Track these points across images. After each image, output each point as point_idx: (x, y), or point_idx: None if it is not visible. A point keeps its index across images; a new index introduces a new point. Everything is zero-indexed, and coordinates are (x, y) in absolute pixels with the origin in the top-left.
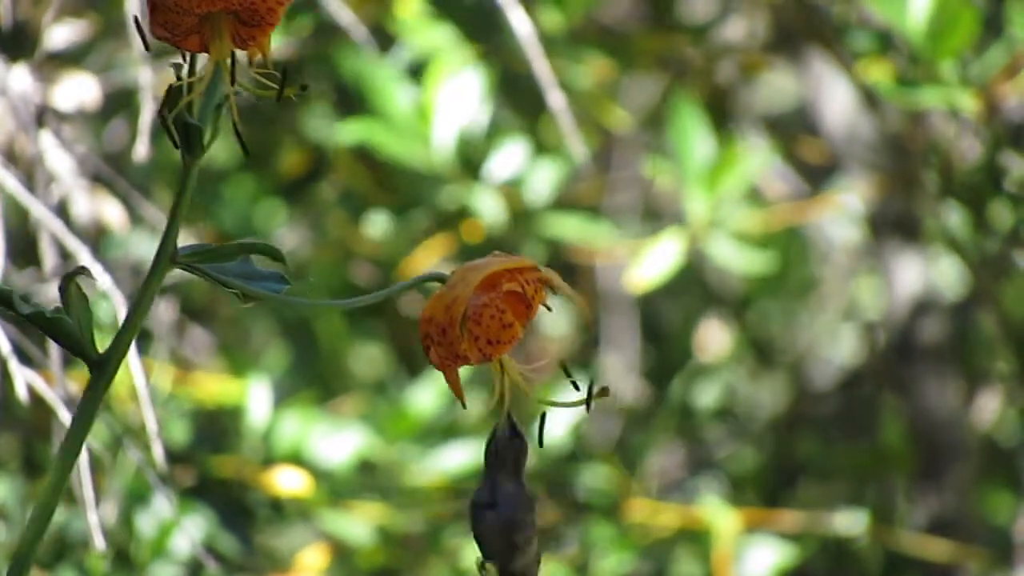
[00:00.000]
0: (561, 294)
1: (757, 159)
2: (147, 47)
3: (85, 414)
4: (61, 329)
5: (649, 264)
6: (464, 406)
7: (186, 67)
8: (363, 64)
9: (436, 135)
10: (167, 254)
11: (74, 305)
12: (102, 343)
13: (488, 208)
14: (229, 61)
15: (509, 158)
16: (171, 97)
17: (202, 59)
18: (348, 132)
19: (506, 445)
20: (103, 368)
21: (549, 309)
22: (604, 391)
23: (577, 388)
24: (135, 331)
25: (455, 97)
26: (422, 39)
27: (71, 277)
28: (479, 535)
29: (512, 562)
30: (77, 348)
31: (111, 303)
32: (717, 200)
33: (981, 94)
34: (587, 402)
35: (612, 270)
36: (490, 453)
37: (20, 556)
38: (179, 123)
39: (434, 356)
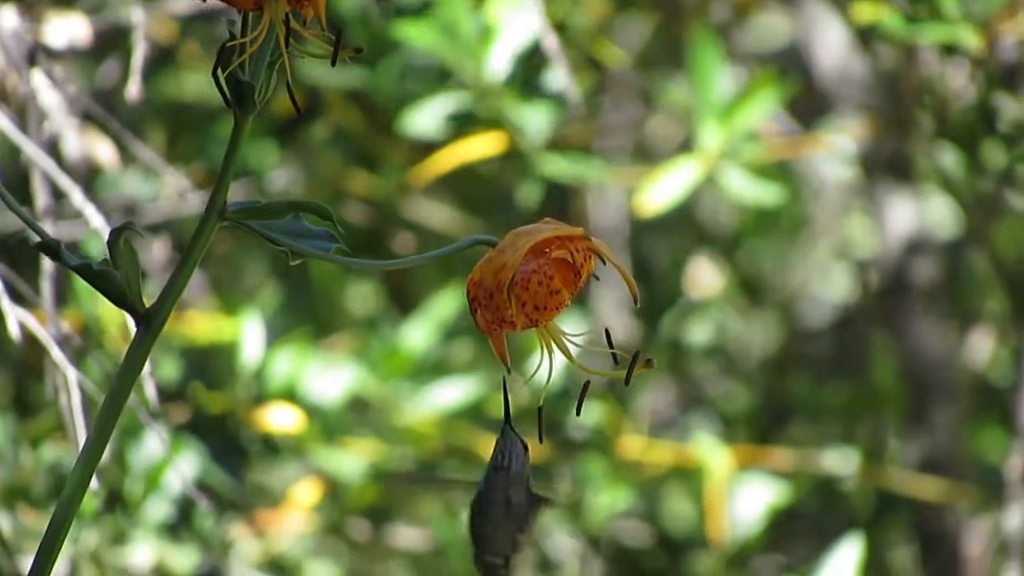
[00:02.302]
0: (609, 264)
1: (770, 94)
2: None
3: (132, 368)
4: (108, 282)
5: (659, 190)
6: (508, 370)
7: (239, 25)
8: None
9: (495, 54)
10: (216, 209)
11: (121, 258)
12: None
13: (535, 126)
14: (283, 21)
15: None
16: (224, 55)
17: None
18: (406, 32)
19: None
20: (150, 322)
21: (597, 278)
22: (649, 363)
23: (616, 360)
24: (183, 285)
25: (513, 23)
26: None
27: (120, 231)
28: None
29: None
30: (124, 302)
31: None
32: (732, 132)
33: (982, 31)
34: (628, 373)
35: (604, 207)
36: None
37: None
38: (231, 80)
39: (480, 319)
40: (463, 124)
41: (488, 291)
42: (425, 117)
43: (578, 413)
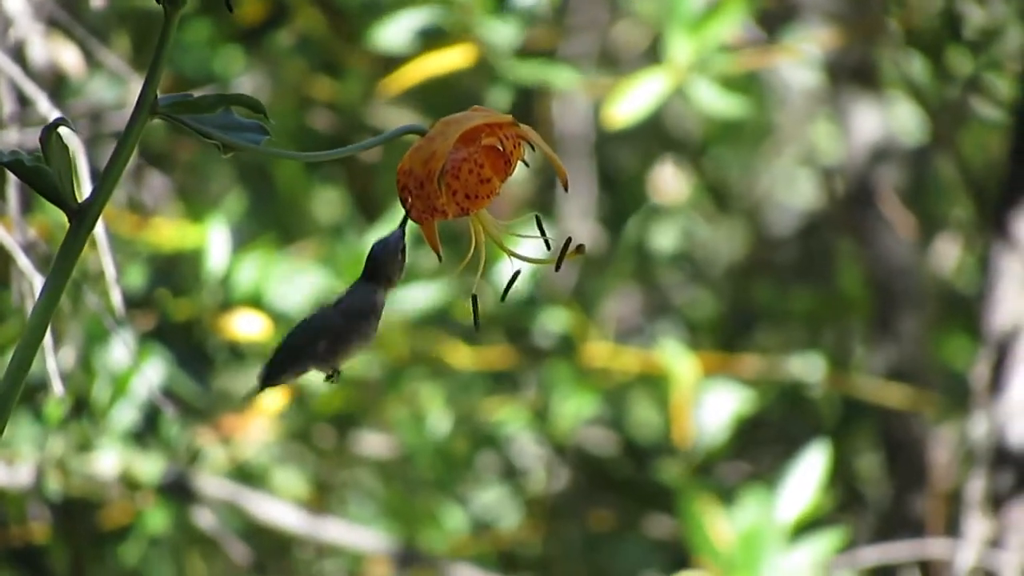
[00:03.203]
0: (539, 150)
1: (740, 6)
2: None
3: (65, 263)
4: (41, 178)
5: (628, 102)
6: (440, 259)
7: None
8: None
9: None
10: (147, 104)
11: (54, 155)
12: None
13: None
14: None
15: None
16: None
17: None
18: None
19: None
20: (83, 217)
21: (527, 165)
22: (580, 248)
23: (548, 246)
24: (116, 181)
25: None
26: None
27: (52, 128)
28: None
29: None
30: (57, 197)
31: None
32: (702, 45)
33: None
34: (559, 259)
35: (570, 115)
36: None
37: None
38: None
39: (412, 209)
40: (432, 38)
41: (418, 180)
42: (395, 31)
43: (503, 300)
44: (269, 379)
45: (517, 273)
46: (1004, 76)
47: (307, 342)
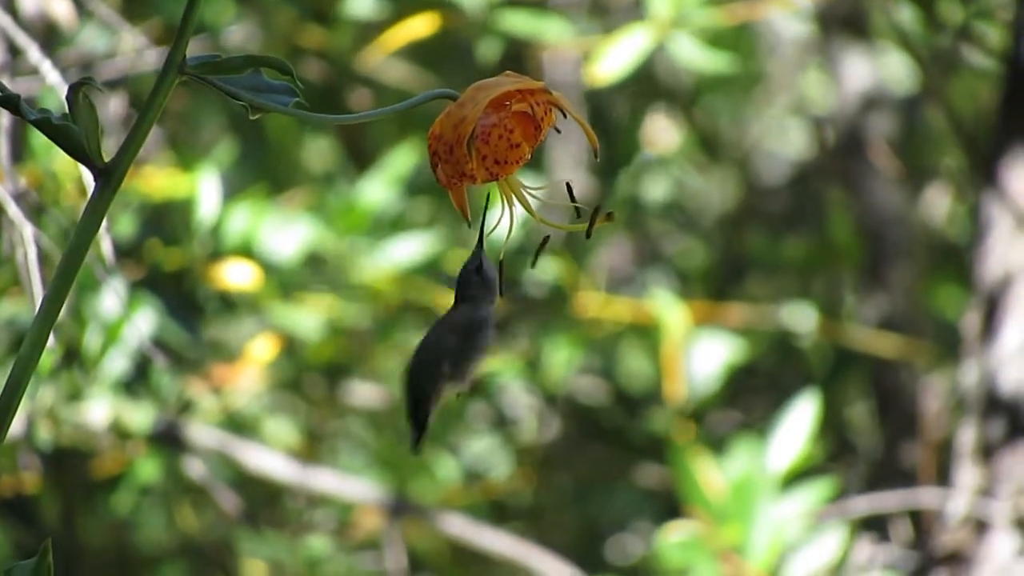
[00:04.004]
0: (570, 117)
1: None
2: None
3: (91, 224)
4: (67, 136)
5: (611, 59)
6: (469, 225)
7: None
8: None
9: None
10: (175, 64)
11: (81, 114)
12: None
13: None
14: None
15: None
16: None
17: None
18: None
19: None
20: (109, 176)
21: (558, 131)
22: (609, 216)
23: (578, 214)
24: (142, 140)
25: None
26: None
27: (79, 87)
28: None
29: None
30: (83, 156)
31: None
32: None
33: None
34: (589, 227)
35: (561, 64)
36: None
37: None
38: None
39: (441, 174)
40: None
41: (448, 145)
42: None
43: (533, 266)
44: (419, 426)
45: (547, 239)
46: (994, 25)
47: (431, 371)
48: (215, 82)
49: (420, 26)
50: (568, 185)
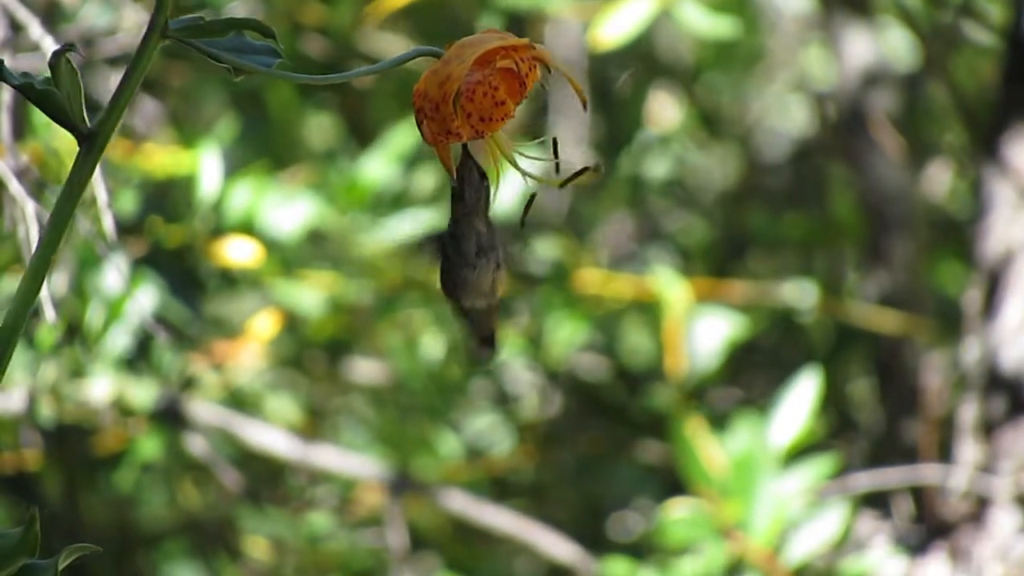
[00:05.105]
0: (556, 72)
1: None
2: None
3: (75, 186)
4: (51, 101)
5: (615, 23)
6: (453, 182)
7: None
8: None
9: None
10: (158, 28)
11: (64, 79)
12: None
13: None
14: None
15: None
16: None
17: None
18: None
19: (476, 189)
20: (92, 141)
21: (544, 88)
22: (598, 168)
23: (558, 169)
24: (125, 104)
25: None
26: None
27: (62, 52)
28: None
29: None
30: (67, 121)
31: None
32: None
33: None
34: (566, 181)
35: (563, 38)
36: (458, 198)
37: (8, 327)
38: None
39: (426, 131)
40: None
41: (433, 102)
42: None
43: (522, 225)
44: (485, 340)
45: (533, 197)
46: (996, 0)
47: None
48: (197, 44)
49: None
50: (554, 140)
